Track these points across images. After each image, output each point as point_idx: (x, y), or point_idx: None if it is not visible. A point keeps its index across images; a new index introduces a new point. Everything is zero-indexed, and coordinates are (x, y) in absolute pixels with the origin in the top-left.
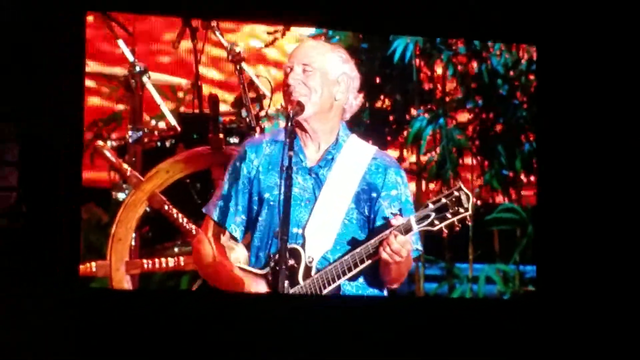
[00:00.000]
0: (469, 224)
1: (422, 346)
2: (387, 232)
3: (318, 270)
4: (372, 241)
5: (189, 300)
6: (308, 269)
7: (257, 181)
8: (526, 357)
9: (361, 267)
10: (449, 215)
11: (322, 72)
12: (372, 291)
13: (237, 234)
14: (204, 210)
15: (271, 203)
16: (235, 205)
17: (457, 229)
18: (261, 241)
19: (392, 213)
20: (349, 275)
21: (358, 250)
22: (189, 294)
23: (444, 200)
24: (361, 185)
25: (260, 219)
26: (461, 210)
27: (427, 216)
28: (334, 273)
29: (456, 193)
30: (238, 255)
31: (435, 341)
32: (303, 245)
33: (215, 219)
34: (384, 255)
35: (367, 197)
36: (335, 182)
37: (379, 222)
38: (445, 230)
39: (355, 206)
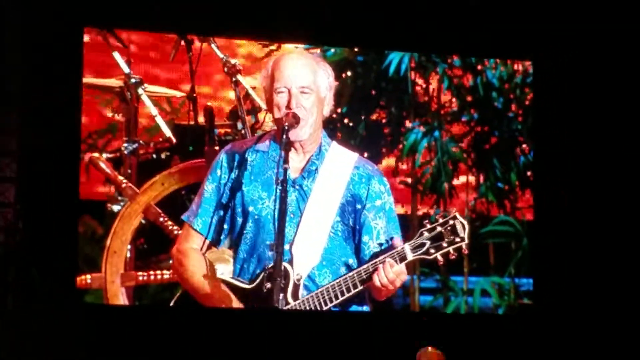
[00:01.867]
0: (465, 252)
1: None
2: (381, 258)
3: (306, 287)
4: (365, 266)
5: (178, 314)
6: (296, 287)
7: (240, 192)
8: None
9: (353, 292)
10: (444, 244)
11: (316, 92)
12: (354, 307)
13: (219, 244)
14: (183, 217)
15: (256, 217)
16: (218, 216)
17: (453, 257)
18: (247, 254)
19: (376, 224)
20: (340, 300)
21: (350, 274)
22: (178, 309)
23: (439, 228)
24: (345, 196)
25: (244, 232)
26: (457, 239)
27: (422, 244)
28: (325, 297)
29: (451, 222)
30: (226, 267)
31: None
32: (291, 262)
33: (197, 228)
34: (378, 283)
35: (352, 209)
36: (320, 195)
37: (365, 234)
38: (441, 259)
39: (340, 218)
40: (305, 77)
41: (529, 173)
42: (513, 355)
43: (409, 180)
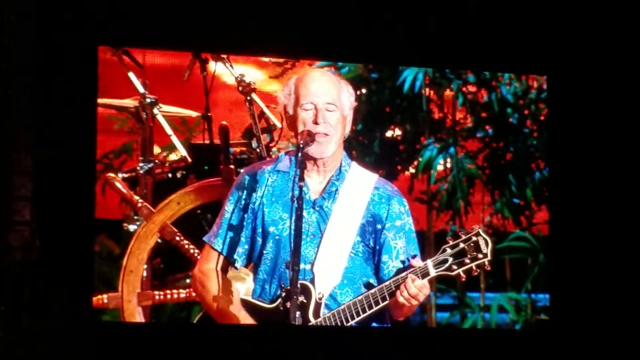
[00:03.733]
0: (488, 269)
1: None
2: (403, 275)
3: (327, 306)
4: (387, 283)
5: (198, 333)
6: (318, 306)
7: (260, 213)
8: None
9: (375, 309)
10: (467, 261)
11: (340, 109)
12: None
13: (239, 264)
14: (205, 239)
15: (277, 237)
16: (238, 236)
17: (475, 273)
18: (268, 274)
19: (395, 244)
20: (362, 317)
21: (372, 291)
22: (197, 327)
23: (462, 245)
24: (366, 217)
25: (265, 252)
26: (480, 255)
27: (445, 261)
28: (347, 314)
29: (474, 238)
30: (241, 287)
31: None
32: (312, 282)
33: (218, 248)
34: (401, 299)
35: (372, 229)
36: (340, 215)
37: (384, 254)
38: (463, 276)
39: (361, 238)
40: (331, 94)
41: (544, 189)
42: None
43: (424, 195)
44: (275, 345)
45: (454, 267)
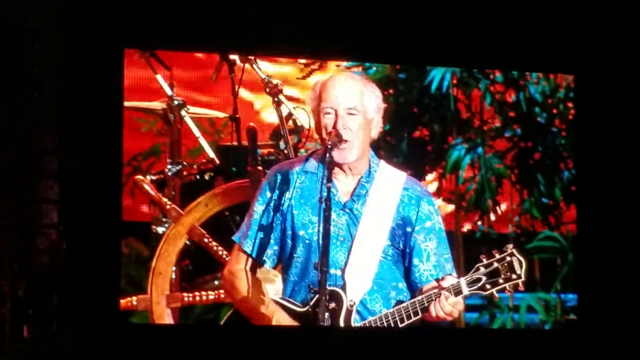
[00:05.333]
0: (521, 289)
1: None
2: (435, 291)
3: (358, 312)
4: (419, 298)
5: (227, 334)
6: (349, 313)
7: (290, 215)
8: None
9: (406, 323)
10: (501, 281)
11: (363, 113)
12: None
13: (268, 265)
14: (234, 238)
15: (307, 241)
16: (268, 237)
17: (509, 293)
18: (298, 277)
19: (426, 246)
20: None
21: (404, 305)
22: (226, 328)
23: (495, 264)
24: (395, 219)
25: (295, 255)
26: (514, 276)
27: (479, 279)
28: (379, 326)
29: (508, 258)
30: (270, 288)
31: None
32: (344, 288)
33: (247, 250)
34: (435, 316)
35: (402, 232)
36: (370, 219)
37: (415, 257)
38: (497, 295)
39: (391, 242)
40: (352, 99)
41: (573, 188)
42: None
43: (452, 196)
44: (304, 348)
45: (488, 286)
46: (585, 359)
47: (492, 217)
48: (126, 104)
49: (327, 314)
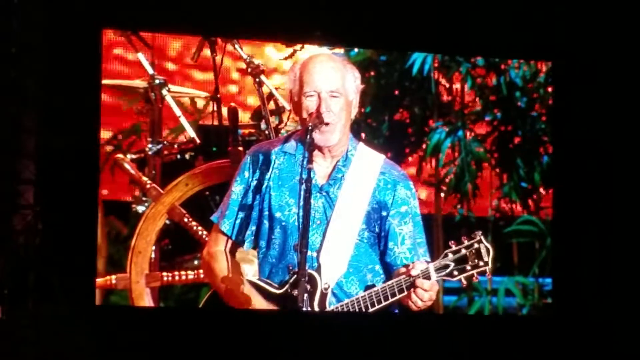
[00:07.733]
0: (489, 277)
1: None
2: (404, 277)
3: (334, 295)
4: (389, 283)
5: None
6: (324, 296)
7: (267, 196)
8: None
9: (378, 307)
10: (468, 267)
11: (345, 95)
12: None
13: (246, 245)
14: (212, 218)
15: (283, 224)
16: (246, 218)
17: (476, 280)
18: (276, 259)
19: (401, 230)
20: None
21: (379, 288)
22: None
23: (463, 251)
24: (371, 203)
25: (272, 237)
26: (481, 263)
27: (447, 266)
28: (351, 310)
29: (476, 245)
30: (249, 269)
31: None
32: (318, 270)
33: (225, 230)
34: (415, 308)
35: (378, 216)
36: (346, 202)
37: (390, 240)
38: (464, 282)
39: (366, 225)
40: (334, 81)
41: (552, 172)
42: (536, 355)
43: (432, 179)
44: (281, 330)
45: (455, 272)
46: (561, 342)
47: (472, 200)
48: (107, 81)
49: (305, 295)
